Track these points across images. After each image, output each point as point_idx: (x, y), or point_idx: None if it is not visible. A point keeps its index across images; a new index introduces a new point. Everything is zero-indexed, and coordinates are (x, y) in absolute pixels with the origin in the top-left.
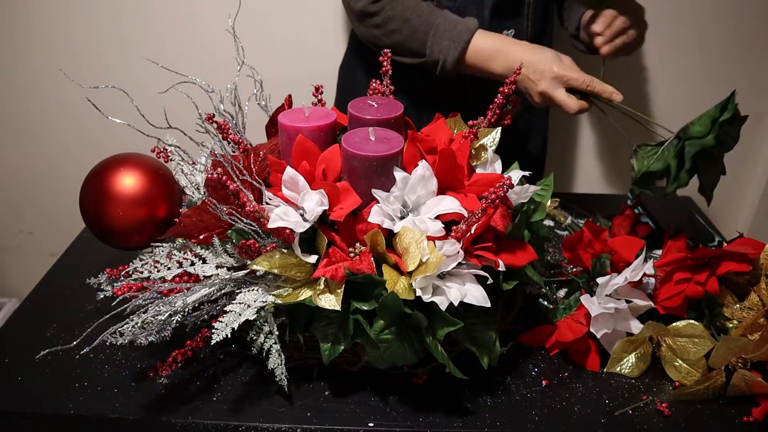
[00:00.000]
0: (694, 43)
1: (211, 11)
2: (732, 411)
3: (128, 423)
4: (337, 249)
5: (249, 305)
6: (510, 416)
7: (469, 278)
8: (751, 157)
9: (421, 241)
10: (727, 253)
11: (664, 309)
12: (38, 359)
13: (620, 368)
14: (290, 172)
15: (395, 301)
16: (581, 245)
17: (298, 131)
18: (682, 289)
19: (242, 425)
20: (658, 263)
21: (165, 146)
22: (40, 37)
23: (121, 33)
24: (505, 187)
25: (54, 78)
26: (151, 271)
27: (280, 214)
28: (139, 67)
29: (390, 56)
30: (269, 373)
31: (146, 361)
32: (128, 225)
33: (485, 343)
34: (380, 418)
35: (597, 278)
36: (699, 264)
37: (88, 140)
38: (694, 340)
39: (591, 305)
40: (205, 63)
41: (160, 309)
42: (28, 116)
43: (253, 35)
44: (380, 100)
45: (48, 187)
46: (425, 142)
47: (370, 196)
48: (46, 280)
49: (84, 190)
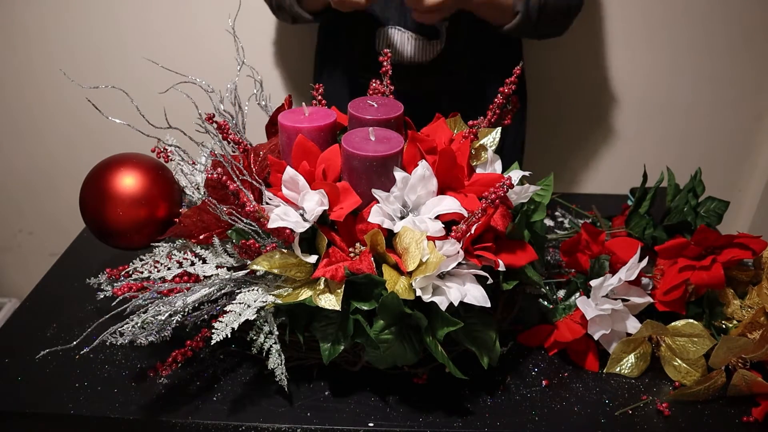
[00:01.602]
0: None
1: (211, 11)
2: (732, 411)
3: (128, 423)
4: (337, 249)
5: (249, 305)
6: (510, 416)
7: (469, 278)
8: (751, 157)
9: (421, 241)
10: (730, 241)
11: (664, 304)
12: (38, 359)
13: (620, 368)
14: (290, 172)
15: (395, 301)
16: (579, 248)
17: (298, 131)
18: (684, 278)
19: (242, 425)
20: (659, 247)
21: (165, 146)
22: (40, 37)
23: (122, 33)
24: (505, 187)
25: (54, 78)
26: (151, 271)
27: (280, 214)
28: (139, 67)
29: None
30: (269, 373)
31: (146, 361)
32: (128, 225)
33: (485, 343)
34: (380, 418)
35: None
36: (701, 254)
37: (88, 140)
38: (694, 340)
39: (587, 307)
40: (205, 63)
41: (160, 309)
42: (28, 116)
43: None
44: (380, 100)
45: (48, 187)
46: (425, 142)
47: (370, 196)
48: (46, 280)
49: (84, 189)
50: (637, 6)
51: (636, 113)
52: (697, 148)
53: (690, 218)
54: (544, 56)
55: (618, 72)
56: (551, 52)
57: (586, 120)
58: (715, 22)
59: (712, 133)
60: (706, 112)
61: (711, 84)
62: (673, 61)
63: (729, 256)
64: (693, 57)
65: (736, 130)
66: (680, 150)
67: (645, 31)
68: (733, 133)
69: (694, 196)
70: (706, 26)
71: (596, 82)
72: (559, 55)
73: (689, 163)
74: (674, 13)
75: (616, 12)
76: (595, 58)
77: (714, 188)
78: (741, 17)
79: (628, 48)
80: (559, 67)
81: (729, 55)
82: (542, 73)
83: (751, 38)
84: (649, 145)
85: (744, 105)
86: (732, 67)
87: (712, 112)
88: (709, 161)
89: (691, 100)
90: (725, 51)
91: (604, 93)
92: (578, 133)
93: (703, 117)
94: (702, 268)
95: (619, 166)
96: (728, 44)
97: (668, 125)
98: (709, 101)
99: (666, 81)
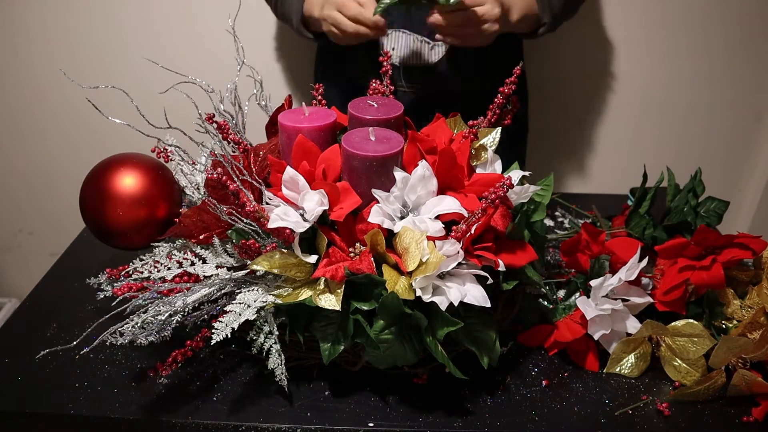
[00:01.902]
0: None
1: (212, 11)
2: (732, 411)
3: (128, 423)
4: (337, 249)
5: (249, 305)
6: (510, 416)
7: (469, 278)
8: (751, 157)
9: (421, 241)
10: (730, 240)
11: (664, 304)
12: (38, 359)
13: (620, 369)
14: (290, 172)
15: (395, 301)
16: (579, 248)
17: (298, 131)
18: (684, 278)
19: (242, 425)
20: (659, 247)
21: (165, 146)
22: (40, 37)
23: (121, 33)
24: (505, 187)
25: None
26: (151, 271)
27: (280, 214)
28: (140, 67)
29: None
30: (269, 373)
31: (146, 361)
32: (128, 225)
33: (485, 343)
34: (380, 418)
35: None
36: (701, 253)
37: (88, 140)
38: (693, 340)
39: (587, 307)
40: (206, 63)
41: (160, 309)
42: (28, 116)
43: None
44: (380, 100)
45: (48, 187)
46: (425, 142)
47: (370, 196)
48: (46, 280)
49: (84, 189)
50: (637, 6)
51: (636, 113)
52: (697, 148)
53: (690, 218)
54: (544, 56)
55: (618, 72)
56: (551, 52)
57: (585, 120)
58: (715, 23)
59: (712, 133)
60: (706, 112)
61: (711, 84)
62: (673, 61)
63: (729, 256)
64: (693, 57)
65: (736, 130)
66: (680, 150)
67: (645, 31)
68: (733, 133)
69: (694, 196)
70: (706, 27)
71: (596, 83)
72: (559, 55)
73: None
74: (674, 13)
75: (616, 12)
76: (595, 58)
77: (714, 188)
78: (741, 17)
79: (628, 48)
80: (559, 67)
81: (729, 55)
82: (542, 73)
83: (751, 38)
84: (649, 145)
85: (744, 105)
86: (732, 68)
87: (712, 112)
88: (709, 161)
89: (691, 100)
90: (725, 51)
91: (604, 93)
92: (578, 133)
93: (703, 117)
94: (702, 268)
95: (619, 166)
96: (728, 44)
97: (668, 125)
98: (709, 101)
99: (666, 81)
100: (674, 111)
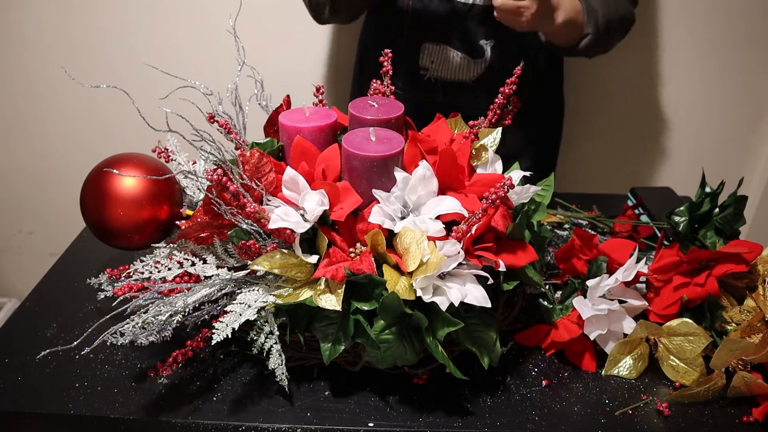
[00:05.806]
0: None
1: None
2: (732, 411)
3: (128, 423)
4: (337, 249)
5: (249, 305)
6: (510, 416)
7: (470, 278)
8: (751, 157)
9: (422, 241)
10: (722, 254)
11: (660, 318)
12: (38, 359)
13: (618, 371)
14: (290, 172)
15: (396, 302)
16: (573, 253)
17: (298, 131)
18: (680, 296)
19: (242, 425)
20: (651, 267)
21: (165, 146)
22: (41, 37)
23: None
24: (505, 187)
25: (54, 78)
26: (152, 271)
27: (280, 215)
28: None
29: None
30: (269, 373)
31: (146, 361)
32: (129, 225)
33: (486, 343)
34: (380, 418)
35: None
36: (695, 268)
37: (89, 140)
38: (689, 338)
39: (583, 307)
40: (206, 63)
41: (161, 309)
42: (29, 116)
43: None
44: (380, 100)
45: (48, 187)
46: (426, 143)
47: (371, 196)
48: (46, 280)
49: (84, 189)
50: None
51: (636, 113)
52: (697, 148)
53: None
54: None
55: (618, 72)
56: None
57: (585, 120)
58: (716, 22)
59: (712, 133)
60: (706, 112)
61: (711, 84)
62: (673, 61)
63: (723, 271)
64: (693, 57)
65: (736, 130)
66: (680, 150)
67: (645, 31)
68: (733, 133)
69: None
70: (706, 26)
71: (596, 83)
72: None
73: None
74: (674, 13)
75: None
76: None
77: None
78: (742, 17)
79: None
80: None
81: (729, 55)
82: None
83: (752, 38)
84: (649, 145)
85: (744, 105)
86: (732, 67)
87: (712, 112)
88: (710, 161)
89: (691, 100)
90: (726, 51)
91: (604, 93)
92: (578, 133)
93: (703, 117)
94: (696, 284)
95: (620, 166)
96: (728, 44)
97: (669, 125)
98: (709, 101)
99: (666, 81)
100: (674, 111)
